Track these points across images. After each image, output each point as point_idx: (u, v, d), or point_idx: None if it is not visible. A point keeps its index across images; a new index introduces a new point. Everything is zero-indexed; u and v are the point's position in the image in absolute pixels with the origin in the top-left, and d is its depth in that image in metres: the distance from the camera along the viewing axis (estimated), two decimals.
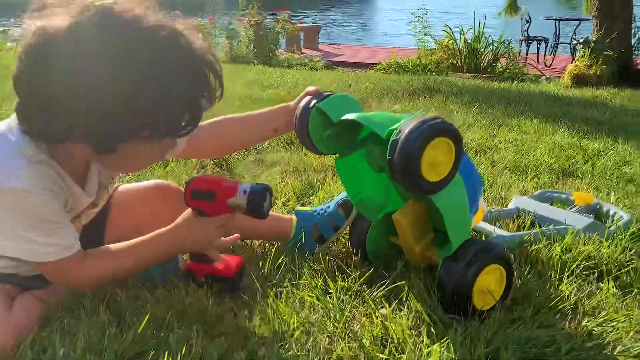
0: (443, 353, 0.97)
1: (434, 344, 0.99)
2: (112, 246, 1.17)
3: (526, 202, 1.70)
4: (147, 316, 1.10)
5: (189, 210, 1.16)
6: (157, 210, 1.29)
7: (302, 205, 1.77)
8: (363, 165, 1.28)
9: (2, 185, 0.97)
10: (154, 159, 1.10)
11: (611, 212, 1.63)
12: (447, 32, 7.32)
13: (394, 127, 1.03)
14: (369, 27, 22.77)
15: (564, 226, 1.47)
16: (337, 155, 1.30)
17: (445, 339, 0.99)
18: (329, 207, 1.48)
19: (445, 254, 1.14)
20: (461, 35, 7.17)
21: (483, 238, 1.48)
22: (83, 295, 1.17)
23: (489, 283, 1.13)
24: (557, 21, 9.17)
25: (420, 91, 4.31)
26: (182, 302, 1.15)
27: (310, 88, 1.27)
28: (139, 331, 1.04)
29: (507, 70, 6.83)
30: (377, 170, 1.25)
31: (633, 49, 6.74)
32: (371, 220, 1.33)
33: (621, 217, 1.59)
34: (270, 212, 1.54)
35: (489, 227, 1.52)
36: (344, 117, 1.17)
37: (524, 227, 1.58)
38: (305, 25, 12.55)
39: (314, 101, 1.23)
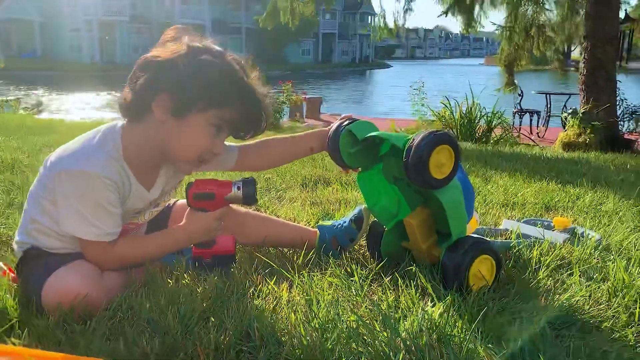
0: (443, 312, 1.25)
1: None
2: (139, 236, 1.55)
3: (513, 224, 2.00)
4: (212, 283, 1.39)
5: (190, 209, 1.48)
6: None
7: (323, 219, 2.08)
8: (380, 180, 1.59)
9: (82, 168, 1.31)
10: (205, 143, 1.38)
11: (585, 233, 1.93)
12: (444, 104, 7.79)
13: (408, 138, 1.37)
14: (370, 100, 23.68)
15: (543, 239, 1.77)
16: (360, 171, 1.62)
17: (445, 299, 1.28)
18: (344, 222, 1.80)
19: (447, 244, 1.44)
20: (457, 107, 7.61)
21: None
22: (156, 272, 1.47)
23: (482, 270, 1.43)
24: (548, 95, 9.78)
25: None
26: (235, 277, 1.45)
27: (345, 114, 1.62)
28: (204, 292, 1.33)
29: (502, 140, 7.20)
30: (391, 182, 1.57)
31: (618, 119, 7.18)
32: (385, 227, 1.64)
33: (593, 236, 1.89)
34: (298, 225, 1.85)
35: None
36: (368, 135, 1.51)
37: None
38: (308, 97, 13.25)
39: (345, 123, 1.57)
